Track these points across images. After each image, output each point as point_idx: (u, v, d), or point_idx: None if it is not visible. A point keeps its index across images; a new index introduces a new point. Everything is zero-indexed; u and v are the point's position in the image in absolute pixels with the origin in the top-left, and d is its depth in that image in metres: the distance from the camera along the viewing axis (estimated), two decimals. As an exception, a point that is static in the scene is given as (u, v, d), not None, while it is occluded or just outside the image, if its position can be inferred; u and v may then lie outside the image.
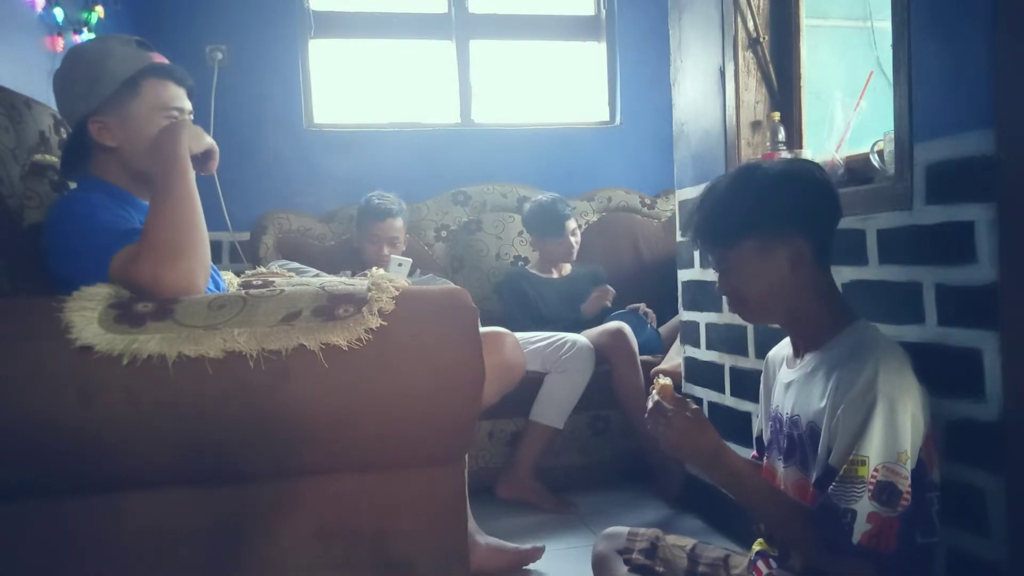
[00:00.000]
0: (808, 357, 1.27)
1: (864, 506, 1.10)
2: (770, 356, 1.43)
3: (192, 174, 1.29)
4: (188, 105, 1.43)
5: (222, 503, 1.17)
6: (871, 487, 1.10)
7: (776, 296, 1.25)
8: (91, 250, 1.23)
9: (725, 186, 1.29)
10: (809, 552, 1.21)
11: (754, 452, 1.48)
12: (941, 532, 1.19)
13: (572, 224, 2.95)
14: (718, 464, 1.23)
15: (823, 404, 1.18)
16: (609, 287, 2.86)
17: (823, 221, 1.26)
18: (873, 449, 1.10)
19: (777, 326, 1.37)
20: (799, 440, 1.25)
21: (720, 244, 1.27)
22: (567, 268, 3.00)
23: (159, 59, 1.41)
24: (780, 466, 1.31)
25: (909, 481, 1.10)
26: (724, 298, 1.38)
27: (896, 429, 1.11)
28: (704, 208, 1.29)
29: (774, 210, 1.22)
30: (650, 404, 1.27)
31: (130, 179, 1.40)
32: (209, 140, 1.37)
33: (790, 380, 1.29)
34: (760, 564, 1.31)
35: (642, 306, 2.79)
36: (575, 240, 2.96)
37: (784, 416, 1.30)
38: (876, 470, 1.10)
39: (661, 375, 1.37)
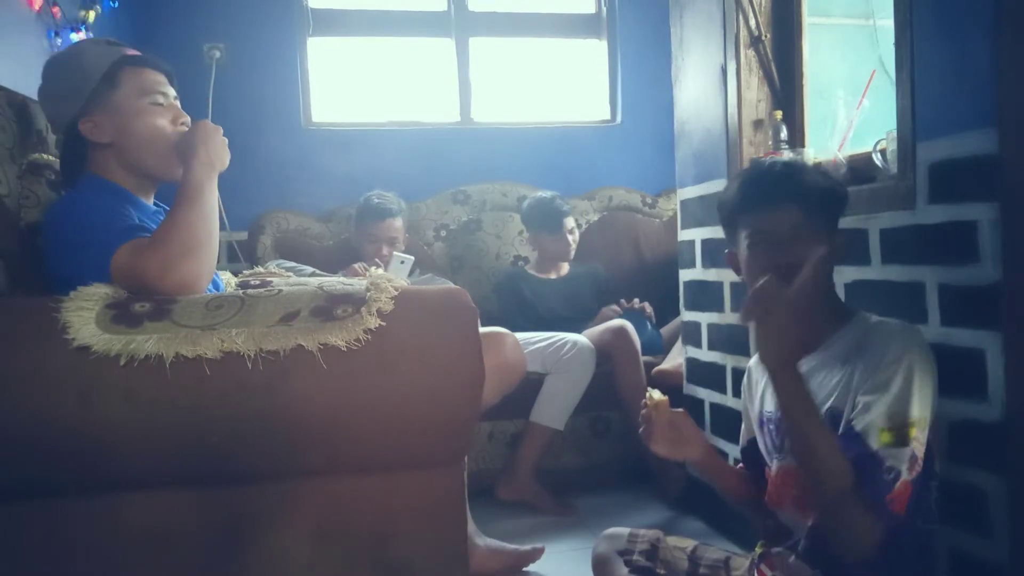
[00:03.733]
0: (803, 360, 1.23)
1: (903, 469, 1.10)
2: (752, 364, 1.42)
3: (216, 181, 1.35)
4: (172, 90, 1.44)
5: (221, 504, 1.16)
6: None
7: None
8: (93, 246, 1.23)
9: (784, 162, 1.31)
10: (836, 496, 1.11)
11: (740, 464, 1.46)
12: (943, 532, 1.18)
13: (570, 222, 2.93)
14: (789, 376, 1.14)
15: (847, 396, 1.16)
16: (615, 307, 2.74)
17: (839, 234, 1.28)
18: (914, 414, 1.10)
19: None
20: None
21: (771, 202, 1.23)
22: (565, 268, 2.98)
23: (132, 52, 1.43)
24: (775, 465, 1.30)
25: (924, 448, 1.11)
26: (744, 272, 1.29)
27: (923, 396, 1.11)
28: (760, 168, 1.29)
29: (821, 196, 1.24)
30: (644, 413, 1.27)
31: (129, 175, 1.40)
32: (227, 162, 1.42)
33: None
34: (763, 567, 1.30)
35: (635, 301, 2.74)
36: (572, 239, 2.94)
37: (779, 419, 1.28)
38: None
39: (655, 392, 1.37)
